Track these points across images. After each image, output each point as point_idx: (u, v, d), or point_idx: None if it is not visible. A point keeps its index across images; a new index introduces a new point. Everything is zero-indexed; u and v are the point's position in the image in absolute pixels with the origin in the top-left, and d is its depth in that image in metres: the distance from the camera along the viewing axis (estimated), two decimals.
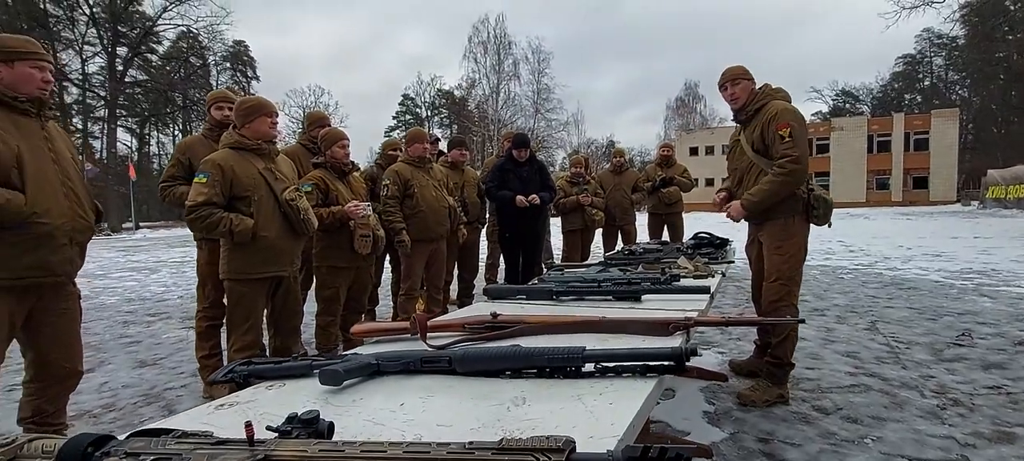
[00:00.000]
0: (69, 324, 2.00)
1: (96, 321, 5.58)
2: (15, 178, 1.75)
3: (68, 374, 2.04)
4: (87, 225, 1.99)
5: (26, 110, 1.83)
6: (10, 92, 1.79)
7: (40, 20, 32.46)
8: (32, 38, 1.93)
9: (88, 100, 35.82)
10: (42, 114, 1.90)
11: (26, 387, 2.03)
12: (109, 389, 3.38)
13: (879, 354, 3.41)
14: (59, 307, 1.96)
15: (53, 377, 2.00)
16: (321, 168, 3.15)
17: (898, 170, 37.40)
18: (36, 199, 1.78)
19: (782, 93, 2.74)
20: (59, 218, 1.86)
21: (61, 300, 1.97)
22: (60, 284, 1.94)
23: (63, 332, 1.99)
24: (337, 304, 3.24)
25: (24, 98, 1.82)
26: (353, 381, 1.08)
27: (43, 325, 1.94)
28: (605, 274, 2.15)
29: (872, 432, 2.34)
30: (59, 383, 2.03)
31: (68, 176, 1.94)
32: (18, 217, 1.74)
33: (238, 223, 2.41)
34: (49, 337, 1.96)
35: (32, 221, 1.77)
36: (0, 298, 1.78)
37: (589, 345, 1.26)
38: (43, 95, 1.88)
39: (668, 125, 49.80)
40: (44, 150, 1.87)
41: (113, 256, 13.99)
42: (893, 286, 5.86)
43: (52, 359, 1.98)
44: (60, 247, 1.88)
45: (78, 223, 1.94)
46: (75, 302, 2.05)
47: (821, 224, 2.71)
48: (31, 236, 1.79)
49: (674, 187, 5.80)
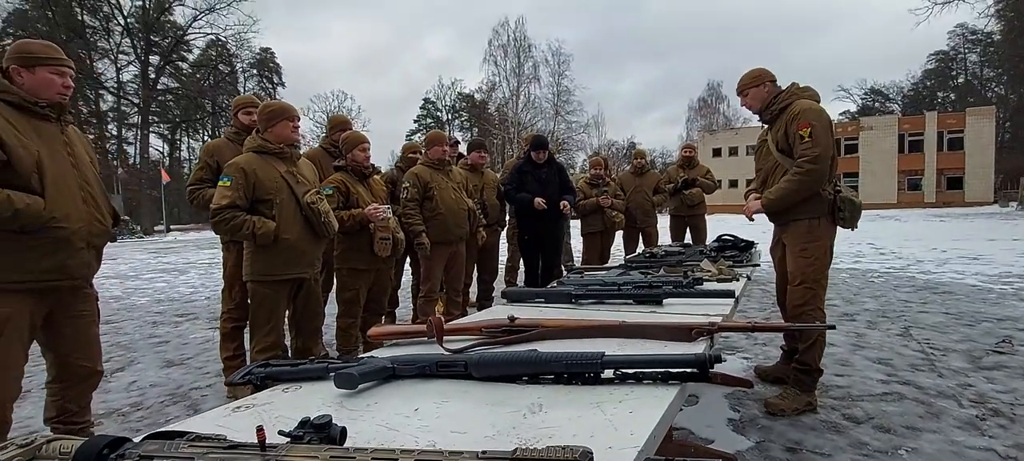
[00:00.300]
0: (87, 326, 2.02)
1: (127, 321, 5.74)
2: (35, 183, 1.77)
3: (88, 374, 2.06)
4: (104, 229, 2.01)
5: (46, 115, 1.85)
6: (31, 97, 1.81)
7: (78, 30, 33.77)
8: (53, 44, 1.94)
9: (123, 107, 37.08)
10: (62, 118, 1.92)
11: (49, 388, 2.06)
12: (137, 388, 3.47)
13: (913, 361, 3.28)
14: (77, 310, 1.98)
15: (74, 378, 2.03)
16: (342, 171, 3.18)
17: (931, 170, 36.14)
18: (55, 203, 1.80)
19: (809, 92, 2.66)
20: (77, 222, 1.88)
21: (79, 303, 1.99)
22: (78, 287, 1.96)
23: (82, 334, 2.01)
24: (357, 306, 3.26)
25: (44, 103, 1.84)
26: (368, 385, 1.07)
27: (62, 327, 1.96)
28: (625, 277, 2.11)
29: (906, 443, 2.24)
30: (80, 383, 2.06)
31: (86, 180, 1.95)
32: (38, 221, 1.76)
33: (260, 225, 2.44)
34: (68, 339, 1.98)
35: (51, 225, 1.80)
36: (20, 300, 1.80)
37: (608, 350, 1.23)
38: (63, 100, 1.90)
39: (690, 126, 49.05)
40: (63, 154, 1.89)
41: (145, 258, 14.42)
42: (927, 290, 5.65)
43: (72, 361, 2.00)
44: (78, 251, 1.89)
45: (95, 227, 1.95)
46: (93, 304, 2.07)
47: (847, 226, 2.62)
48: (50, 240, 1.81)
49: (697, 189, 5.69)
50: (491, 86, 35.09)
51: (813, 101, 2.61)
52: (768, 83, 2.69)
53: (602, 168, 5.76)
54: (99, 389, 3.40)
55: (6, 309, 1.76)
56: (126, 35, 34.82)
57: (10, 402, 1.83)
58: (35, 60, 1.83)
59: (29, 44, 1.87)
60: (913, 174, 36.67)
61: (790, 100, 2.60)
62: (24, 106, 1.80)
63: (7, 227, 1.71)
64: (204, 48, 38.19)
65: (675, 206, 5.84)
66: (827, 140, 2.48)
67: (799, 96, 2.62)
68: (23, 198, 1.72)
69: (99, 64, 35.83)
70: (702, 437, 2.35)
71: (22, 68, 1.82)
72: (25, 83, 1.82)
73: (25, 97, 1.80)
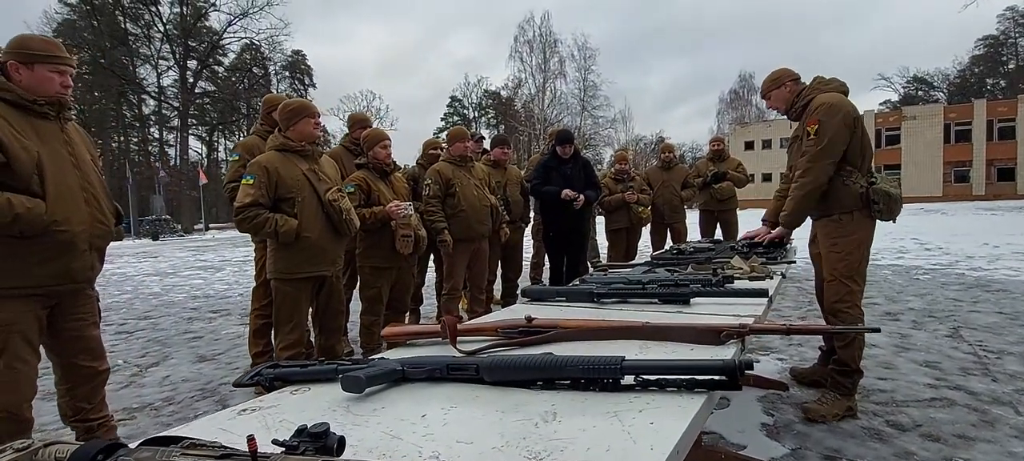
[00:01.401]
0: (87, 328, 1.98)
1: (164, 317, 5.93)
2: (35, 184, 1.71)
3: (93, 374, 2.02)
4: (106, 230, 1.95)
5: (45, 113, 1.79)
6: (29, 95, 1.74)
7: (121, 38, 35.28)
8: (54, 40, 1.88)
9: (164, 111, 38.58)
10: (62, 116, 1.85)
11: (58, 389, 2.04)
12: (170, 383, 3.55)
13: (964, 364, 3.08)
14: (77, 312, 1.94)
15: (80, 378, 2.00)
16: (363, 169, 3.17)
17: (979, 161, 34.29)
18: (57, 206, 1.75)
19: (834, 84, 2.53)
20: (79, 225, 1.82)
21: (79, 304, 1.94)
22: (79, 290, 1.92)
23: (81, 336, 1.96)
24: (380, 304, 3.25)
25: (43, 102, 1.77)
26: (376, 388, 1.03)
27: (64, 331, 1.92)
28: (651, 275, 2.02)
29: (958, 453, 2.09)
30: (87, 383, 2.01)
31: (88, 180, 1.89)
32: (39, 226, 1.70)
33: (283, 224, 2.45)
34: (68, 341, 1.94)
35: (53, 229, 1.74)
36: (25, 304, 1.76)
37: (630, 354, 1.16)
38: (63, 97, 1.83)
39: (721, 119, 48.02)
40: (64, 154, 1.83)
41: (184, 256, 14.94)
42: (978, 288, 5.33)
43: (75, 362, 1.97)
44: (81, 254, 1.85)
45: (97, 229, 1.90)
46: (92, 305, 2.02)
47: (885, 219, 2.48)
48: (52, 244, 1.75)
49: (727, 182, 5.50)
50: (517, 83, 35.05)
51: (838, 93, 2.48)
52: (789, 82, 2.62)
53: (627, 163, 5.64)
54: (134, 384, 3.55)
55: (11, 315, 1.72)
56: (165, 41, 36.20)
57: (27, 403, 1.80)
58: (34, 57, 1.76)
59: (28, 39, 1.79)
60: (960, 165, 34.89)
61: (812, 95, 2.53)
62: (22, 105, 1.73)
63: (7, 232, 1.66)
64: (239, 52, 39.43)
65: (705, 201, 5.67)
66: (833, 136, 2.38)
67: (821, 90, 2.51)
68: (23, 202, 1.66)
69: (141, 70, 37.39)
70: (733, 443, 2.24)
71: (21, 65, 1.75)
72: (23, 80, 1.75)
73: (23, 95, 1.73)
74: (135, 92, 37.29)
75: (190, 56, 36.72)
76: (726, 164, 5.63)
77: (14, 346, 1.73)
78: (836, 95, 2.43)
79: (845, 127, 2.38)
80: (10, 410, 1.73)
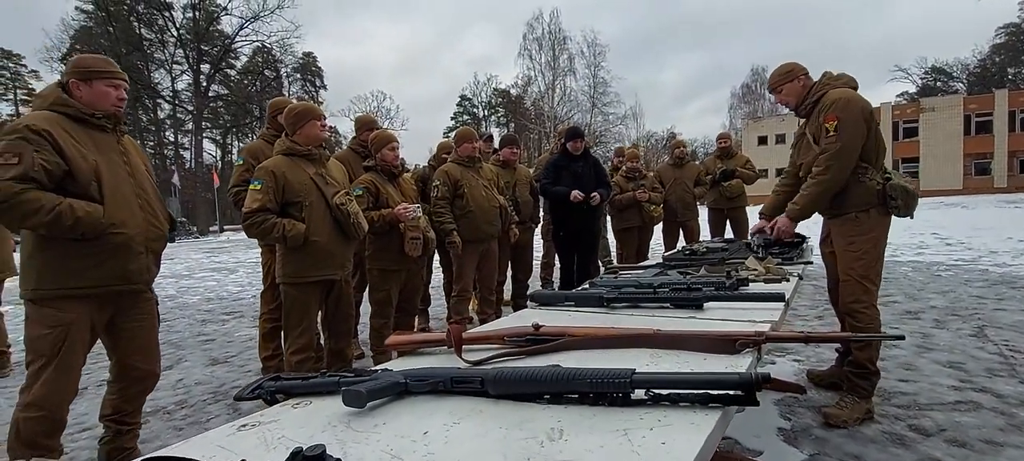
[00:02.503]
0: (147, 329, 2.11)
1: (179, 319, 6.00)
2: (94, 191, 1.84)
3: (146, 376, 2.15)
4: (161, 234, 2.08)
5: (102, 126, 1.94)
6: (88, 109, 1.90)
7: (136, 44, 35.83)
8: (107, 57, 2.04)
9: (178, 114, 39.13)
10: (117, 129, 2.00)
11: (109, 387, 2.17)
12: (183, 386, 3.58)
13: (990, 365, 2.98)
14: (137, 313, 2.07)
15: (132, 379, 2.13)
16: (371, 171, 3.15)
17: (1001, 153, 33.44)
18: (113, 211, 1.87)
19: (843, 80, 2.46)
20: (135, 228, 1.94)
21: (139, 306, 2.07)
22: (138, 292, 2.04)
23: (142, 337, 2.10)
24: (389, 307, 3.24)
25: (101, 115, 1.92)
26: (379, 402, 1.01)
27: (123, 331, 2.05)
28: (663, 278, 1.97)
29: (985, 459, 2.01)
30: (138, 384, 2.15)
31: (142, 188, 2.02)
32: (98, 228, 1.83)
33: (290, 228, 2.44)
34: (128, 342, 2.07)
35: (110, 232, 1.86)
36: (83, 306, 1.88)
37: (641, 364, 1.13)
38: (118, 111, 1.99)
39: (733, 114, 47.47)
40: (120, 164, 1.97)
41: (198, 257, 15.13)
42: (1003, 284, 5.17)
43: (131, 362, 2.10)
44: (137, 256, 1.96)
45: (152, 232, 2.03)
46: (152, 308, 2.15)
47: (902, 216, 2.40)
48: (109, 246, 1.88)
49: (736, 180, 5.40)
50: (526, 81, 34.97)
51: (848, 89, 2.40)
52: (801, 76, 2.55)
53: (637, 161, 5.57)
54: None
55: (70, 315, 1.84)
56: (179, 46, 36.70)
57: (67, 403, 1.91)
58: (92, 74, 1.91)
59: (86, 59, 1.95)
60: (981, 157, 34.08)
61: (823, 91, 2.45)
62: (82, 118, 1.88)
63: (69, 235, 1.78)
64: (251, 55, 39.83)
65: (714, 199, 5.58)
66: (853, 132, 2.30)
67: (832, 85, 2.43)
68: (83, 206, 1.79)
69: (156, 75, 37.96)
70: (749, 448, 2.19)
71: (81, 82, 1.90)
72: (83, 96, 1.90)
73: (83, 109, 1.88)
74: (150, 97, 37.85)
75: (203, 60, 37.19)
76: (734, 161, 5.53)
77: (69, 346, 1.84)
78: (849, 90, 2.36)
79: (863, 122, 2.32)
80: (51, 410, 1.83)
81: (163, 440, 2.73)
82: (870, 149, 2.36)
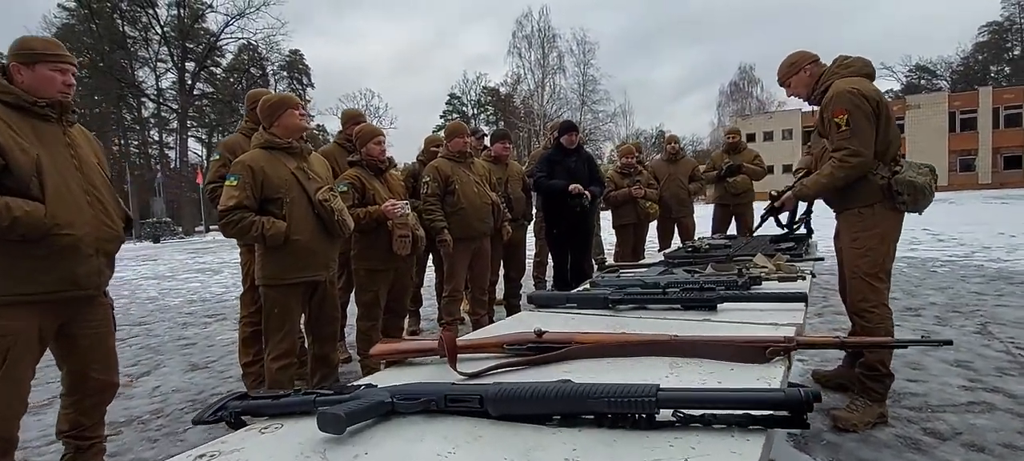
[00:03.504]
0: (102, 338, 1.93)
1: (159, 322, 5.79)
2: (34, 188, 1.66)
3: (104, 387, 1.98)
4: (115, 234, 1.90)
5: (46, 115, 1.75)
6: (29, 96, 1.71)
7: (120, 42, 35.13)
8: (55, 40, 1.86)
9: (163, 113, 38.44)
10: (64, 118, 1.81)
11: (63, 400, 1.99)
12: (160, 394, 3.40)
13: (999, 364, 2.90)
14: (90, 320, 1.89)
15: (88, 390, 1.95)
16: (357, 166, 3.00)
17: (986, 150, 33.94)
18: (57, 209, 1.69)
19: (857, 65, 2.34)
20: (83, 229, 1.76)
21: (91, 312, 1.89)
22: (89, 297, 1.86)
23: (96, 346, 1.92)
24: (377, 308, 3.08)
25: (44, 102, 1.73)
26: (361, 425, 0.86)
27: (76, 339, 1.88)
28: (669, 277, 1.85)
29: None
30: (95, 395, 1.98)
31: (92, 184, 1.84)
32: (40, 229, 1.65)
33: (270, 226, 2.29)
34: (83, 351, 1.90)
35: (55, 233, 1.69)
36: (29, 314, 1.71)
37: (659, 374, 1.00)
38: (65, 99, 1.80)
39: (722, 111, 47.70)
40: (66, 157, 1.78)
41: (182, 258, 14.81)
42: (1001, 280, 5.13)
43: (87, 373, 1.92)
44: (86, 258, 1.79)
45: (104, 232, 1.85)
46: (107, 313, 1.98)
47: (911, 211, 2.30)
48: (56, 249, 1.70)
49: (743, 176, 5.29)
50: (516, 79, 34.83)
51: (859, 77, 2.29)
52: (809, 65, 2.42)
53: (634, 156, 5.45)
54: (122, 395, 3.38)
55: (14, 323, 1.67)
56: (163, 44, 36.03)
57: (16, 420, 1.74)
58: (36, 56, 1.73)
59: (29, 40, 1.77)
60: (966, 154, 34.56)
61: (830, 80, 2.32)
62: (22, 106, 1.70)
63: (7, 237, 1.61)
64: (236, 52, 39.21)
65: (719, 194, 5.47)
66: (867, 127, 2.18)
67: (841, 74, 2.31)
68: (21, 205, 1.61)
69: (140, 73, 37.24)
70: None
71: (22, 66, 1.72)
72: (25, 81, 1.72)
73: (23, 96, 1.70)
74: (134, 95, 37.12)
75: (188, 58, 36.53)
76: (742, 156, 5.43)
77: (14, 358, 1.67)
78: (857, 79, 2.24)
79: (875, 116, 2.20)
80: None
81: (136, 453, 2.56)
82: (879, 142, 2.25)
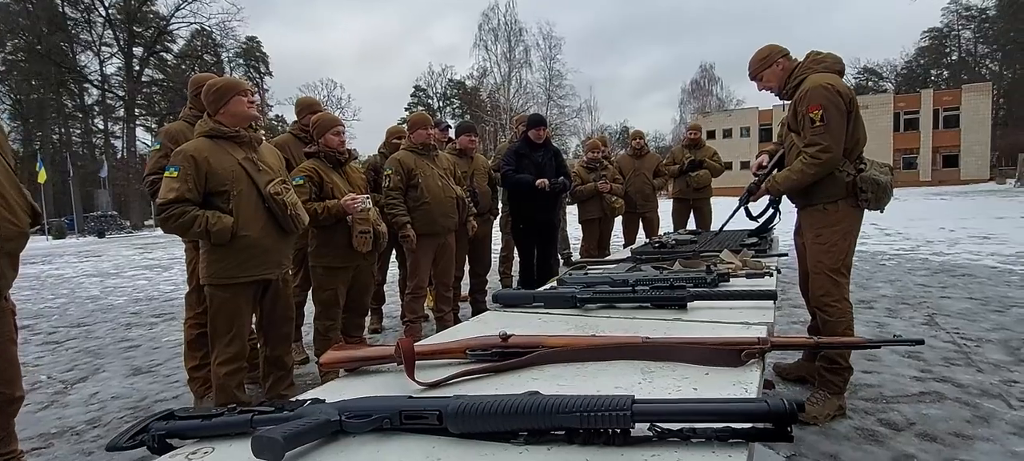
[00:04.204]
0: (3, 345, 1.74)
1: (100, 323, 5.42)
2: None
3: (5, 400, 1.78)
4: (18, 231, 1.72)
5: None
6: None
7: (59, 23, 32.93)
8: None
9: (108, 100, 36.30)
10: None
11: None
12: (98, 401, 3.16)
13: (946, 354, 3.01)
14: None
15: None
16: (314, 158, 2.84)
17: (926, 149, 35.96)
18: None
19: (826, 62, 2.36)
20: None
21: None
22: None
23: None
24: (336, 307, 2.94)
25: None
26: (304, 447, 0.77)
27: None
28: (637, 274, 1.81)
29: (958, 454, 1.98)
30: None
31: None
32: None
33: (215, 221, 2.12)
34: None
35: None
36: None
37: (632, 379, 0.94)
38: None
39: (684, 108, 48.84)
40: None
41: (130, 254, 14.04)
42: (944, 273, 5.39)
43: None
44: None
45: (6, 230, 1.67)
46: (7, 319, 1.78)
47: (873, 209, 2.35)
48: None
49: (704, 171, 5.37)
50: (482, 72, 34.59)
51: (831, 73, 2.31)
52: (781, 59, 2.43)
53: (600, 151, 5.44)
54: (57, 403, 3.14)
55: None
56: (108, 26, 34.02)
57: None
58: None
59: None
60: (909, 153, 36.49)
61: (804, 74, 2.33)
62: None
63: None
64: (189, 38, 37.42)
65: (679, 189, 5.54)
66: (840, 123, 2.21)
67: (814, 69, 2.33)
68: None
69: (82, 57, 35.05)
70: None
71: None
72: None
73: None
74: (76, 81, 34.93)
75: (136, 42, 34.60)
76: (702, 152, 5.51)
77: None
78: (831, 77, 2.26)
79: (846, 113, 2.23)
80: None
81: None
82: (848, 139, 2.28)
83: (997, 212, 12.21)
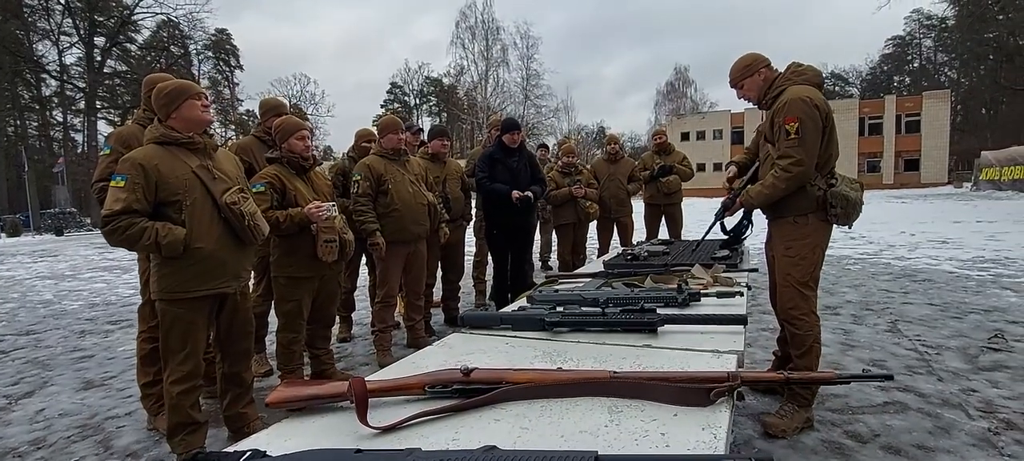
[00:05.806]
0: None
1: (52, 331, 5.15)
2: None
3: None
4: None
5: None
6: None
7: (14, 10, 31.34)
8: None
9: (67, 92, 34.77)
10: None
11: None
12: (44, 418, 2.98)
13: (908, 362, 3.08)
14: None
15: None
16: (276, 164, 2.73)
17: (889, 153, 37.30)
18: None
19: (807, 75, 2.36)
20: None
21: None
22: None
23: None
24: (300, 319, 2.84)
25: None
26: None
27: None
28: (609, 291, 1.77)
29: None
30: None
31: None
32: None
33: (165, 233, 2.00)
34: None
35: None
36: None
37: (598, 419, 0.89)
38: None
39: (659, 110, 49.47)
40: None
41: (89, 254, 13.45)
42: (906, 278, 5.55)
43: None
44: None
45: None
46: None
47: (841, 224, 2.36)
48: None
49: (674, 176, 5.41)
50: (459, 70, 34.38)
51: (810, 85, 2.32)
52: (763, 69, 2.41)
53: (574, 155, 5.43)
54: None
55: None
56: (67, 14, 32.55)
57: None
58: None
59: None
60: (872, 156, 37.79)
61: (784, 86, 2.33)
62: None
63: None
64: (154, 29, 36.10)
65: (650, 195, 5.56)
66: (815, 138, 2.21)
67: (794, 81, 2.34)
68: None
69: (39, 46, 33.47)
70: None
71: None
72: None
73: None
74: (33, 71, 33.33)
75: (97, 32, 33.20)
76: (672, 157, 5.54)
77: None
78: (810, 90, 2.26)
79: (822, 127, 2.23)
80: None
81: None
82: (821, 153, 2.29)
83: (955, 216, 12.71)
